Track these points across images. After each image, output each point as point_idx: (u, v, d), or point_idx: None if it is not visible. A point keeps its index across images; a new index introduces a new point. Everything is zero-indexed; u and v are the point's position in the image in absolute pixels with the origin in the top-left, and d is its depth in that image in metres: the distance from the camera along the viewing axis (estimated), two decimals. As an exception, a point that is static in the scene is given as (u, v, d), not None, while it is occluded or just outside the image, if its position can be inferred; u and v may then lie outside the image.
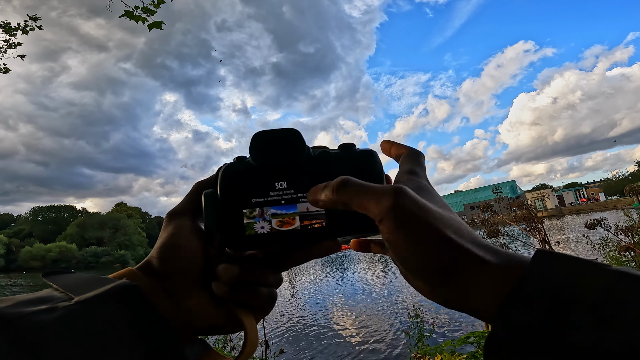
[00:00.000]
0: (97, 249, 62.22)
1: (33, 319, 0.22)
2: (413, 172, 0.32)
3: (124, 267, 0.32)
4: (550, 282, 0.21)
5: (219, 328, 0.33)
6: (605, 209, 46.34)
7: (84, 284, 0.27)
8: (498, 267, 0.24)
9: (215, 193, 0.33)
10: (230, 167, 0.33)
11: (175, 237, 0.32)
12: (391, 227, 0.26)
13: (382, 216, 0.26)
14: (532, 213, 3.64)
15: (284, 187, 0.33)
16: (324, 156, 0.33)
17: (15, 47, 5.64)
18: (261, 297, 0.33)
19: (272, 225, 0.32)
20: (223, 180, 0.33)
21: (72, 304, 0.24)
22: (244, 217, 0.32)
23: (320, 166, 0.33)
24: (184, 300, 0.31)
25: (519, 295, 0.21)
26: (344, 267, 16.06)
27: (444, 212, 0.27)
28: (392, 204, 0.26)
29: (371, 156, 0.34)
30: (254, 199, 0.32)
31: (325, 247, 0.33)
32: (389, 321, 6.87)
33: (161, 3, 3.94)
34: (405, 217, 0.25)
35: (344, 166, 0.33)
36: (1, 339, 0.21)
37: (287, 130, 0.33)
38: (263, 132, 0.33)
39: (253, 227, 0.32)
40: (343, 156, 0.34)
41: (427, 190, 0.30)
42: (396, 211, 0.26)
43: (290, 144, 0.33)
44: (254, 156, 0.33)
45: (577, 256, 0.22)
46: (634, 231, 3.60)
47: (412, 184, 0.30)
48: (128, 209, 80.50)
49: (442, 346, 2.76)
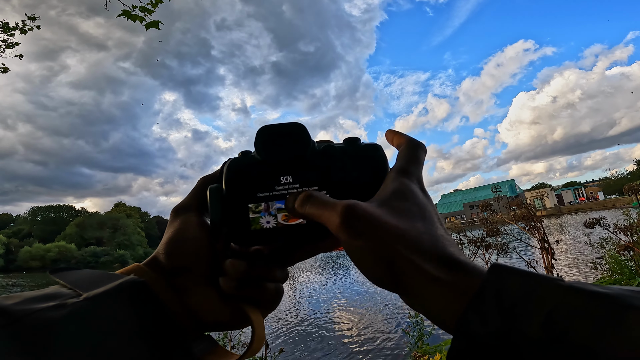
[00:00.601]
0: (96, 248, 62.13)
1: (42, 316, 0.22)
2: (403, 171, 0.31)
3: (123, 267, 0.32)
4: (505, 297, 0.21)
5: (225, 324, 0.33)
6: (604, 208, 46.46)
7: (92, 280, 0.27)
8: (451, 283, 0.23)
9: (221, 188, 0.32)
10: (236, 161, 0.33)
11: (181, 232, 0.32)
12: (344, 243, 0.27)
13: (336, 232, 0.27)
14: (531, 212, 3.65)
15: (289, 181, 0.32)
16: (329, 150, 0.33)
17: (13, 46, 5.63)
18: (268, 292, 0.33)
19: (277, 220, 0.32)
20: (228, 175, 0.32)
21: (80, 300, 0.24)
22: (250, 211, 0.32)
23: (325, 160, 0.33)
24: (191, 296, 0.31)
25: (476, 309, 0.21)
26: (343, 266, 16.05)
27: (405, 224, 0.26)
28: (340, 222, 0.26)
29: (376, 150, 0.34)
30: (259, 194, 0.32)
31: (332, 242, 0.33)
32: (389, 320, 6.87)
33: (159, 3, 3.93)
34: (353, 234, 0.26)
35: (348, 160, 0.33)
36: (10, 336, 0.21)
37: (292, 124, 0.33)
38: (268, 126, 0.33)
39: (259, 222, 0.32)
40: (348, 150, 0.33)
41: (403, 196, 0.29)
42: (344, 229, 0.26)
43: (295, 138, 0.33)
44: (259, 150, 0.33)
45: (532, 271, 0.22)
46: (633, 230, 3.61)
47: (392, 185, 0.30)
48: (127, 208, 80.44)
49: (442, 345, 2.76)
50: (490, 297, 0.21)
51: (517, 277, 0.22)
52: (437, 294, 0.24)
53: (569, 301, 0.20)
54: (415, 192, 0.30)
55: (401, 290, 0.25)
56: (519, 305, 0.20)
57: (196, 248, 0.32)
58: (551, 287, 0.21)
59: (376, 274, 0.26)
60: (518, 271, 0.22)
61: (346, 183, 0.32)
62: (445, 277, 0.24)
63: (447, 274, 0.24)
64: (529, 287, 0.21)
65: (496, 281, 0.22)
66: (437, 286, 0.24)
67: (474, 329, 0.21)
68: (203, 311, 0.31)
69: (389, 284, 0.26)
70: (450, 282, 0.23)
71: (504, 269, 0.23)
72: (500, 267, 0.23)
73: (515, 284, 0.22)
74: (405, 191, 0.29)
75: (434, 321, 0.25)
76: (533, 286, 0.21)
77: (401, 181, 0.30)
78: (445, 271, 0.24)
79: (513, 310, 0.20)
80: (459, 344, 0.21)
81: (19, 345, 0.21)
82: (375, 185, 0.32)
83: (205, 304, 0.31)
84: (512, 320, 0.20)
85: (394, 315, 7.17)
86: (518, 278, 0.22)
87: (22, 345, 0.21)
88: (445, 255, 0.25)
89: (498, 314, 0.21)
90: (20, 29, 5.53)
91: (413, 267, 0.24)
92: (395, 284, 0.25)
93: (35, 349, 0.21)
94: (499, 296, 0.21)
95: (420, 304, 0.25)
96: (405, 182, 0.30)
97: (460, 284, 0.23)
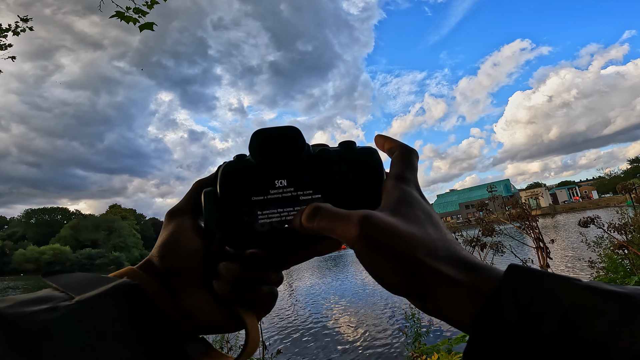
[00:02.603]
0: (91, 251, 61.70)
1: (34, 319, 0.22)
2: (401, 178, 0.31)
3: (118, 270, 0.32)
4: (521, 296, 0.22)
5: (219, 327, 0.33)
6: (598, 207, 46.80)
7: (85, 283, 0.27)
8: (470, 284, 0.24)
9: (215, 191, 0.32)
10: (230, 165, 0.33)
11: (175, 235, 0.32)
12: (360, 252, 0.26)
13: (352, 244, 0.27)
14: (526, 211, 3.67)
15: (284, 185, 0.32)
16: (324, 154, 0.33)
17: (6, 48, 5.57)
18: (262, 295, 0.33)
19: (272, 224, 0.32)
20: (223, 179, 0.32)
21: (72, 303, 0.24)
22: (244, 215, 0.32)
23: (320, 164, 0.33)
24: (185, 298, 0.31)
25: (492, 308, 0.22)
26: (340, 267, 16.06)
27: (419, 231, 0.27)
28: (358, 234, 0.26)
29: (371, 154, 0.34)
30: (254, 197, 0.32)
31: (326, 246, 0.33)
32: (386, 320, 6.87)
33: (154, 3, 3.91)
34: (372, 245, 0.26)
35: (344, 164, 0.33)
36: (2, 339, 0.21)
37: (287, 128, 0.33)
38: (263, 129, 0.33)
39: (253, 225, 0.32)
40: (343, 154, 0.33)
41: (408, 202, 0.29)
42: (363, 240, 0.26)
43: (290, 141, 0.33)
44: (254, 154, 0.33)
45: (548, 271, 0.23)
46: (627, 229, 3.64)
47: (395, 194, 0.30)
48: (122, 210, 79.98)
49: (439, 345, 2.76)
50: (507, 296, 0.22)
51: (534, 277, 0.22)
52: (457, 295, 0.24)
53: (585, 300, 0.20)
54: (418, 199, 0.30)
55: (421, 295, 0.25)
56: (535, 304, 0.21)
57: (190, 251, 0.32)
58: (567, 286, 0.21)
59: (395, 282, 0.26)
60: (534, 271, 0.23)
61: (342, 187, 0.32)
62: (465, 279, 0.24)
63: (467, 276, 0.25)
64: (545, 287, 0.22)
65: (513, 281, 0.23)
66: (457, 288, 0.24)
67: (491, 327, 0.21)
68: (197, 314, 0.31)
69: (407, 291, 0.26)
70: (469, 284, 0.24)
71: (520, 269, 0.23)
72: (516, 267, 0.23)
73: (531, 283, 0.22)
74: (410, 198, 0.30)
75: (452, 323, 0.25)
76: (549, 285, 0.22)
77: (403, 188, 0.30)
78: (466, 274, 0.25)
79: (529, 308, 0.21)
80: (476, 342, 0.22)
81: (12, 348, 0.21)
82: (371, 189, 0.32)
83: (199, 306, 0.31)
84: (529, 319, 0.21)
85: (391, 315, 7.17)
86: (534, 278, 0.22)
87: (15, 348, 0.21)
88: (461, 259, 0.26)
89: (515, 313, 0.21)
90: (12, 30, 5.48)
91: (435, 272, 0.25)
92: (416, 290, 0.25)
93: (28, 352, 0.21)
94: (516, 295, 0.22)
95: (438, 308, 0.25)
96: (407, 190, 0.30)
97: (479, 285, 0.24)
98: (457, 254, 0.26)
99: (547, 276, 0.22)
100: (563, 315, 0.20)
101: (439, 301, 0.25)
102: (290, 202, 0.32)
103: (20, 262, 55.77)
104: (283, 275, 0.36)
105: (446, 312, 0.25)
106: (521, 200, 4.01)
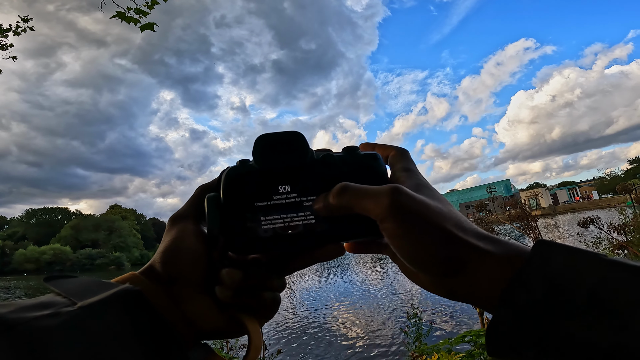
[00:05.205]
0: (91, 251, 61.61)
1: (36, 325, 0.22)
2: (409, 170, 0.33)
3: (119, 270, 0.32)
4: (549, 269, 0.22)
5: (222, 332, 0.32)
6: (598, 207, 46.77)
7: (87, 288, 0.27)
8: (500, 256, 0.25)
9: (218, 197, 0.32)
10: (233, 170, 0.33)
11: (178, 241, 0.32)
12: (392, 225, 0.26)
13: (383, 216, 0.27)
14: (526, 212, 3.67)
15: (287, 190, 0.32)
16: (328, 159, 0.33)
17: (7, 48, 5.57)
18: (265, 301, 0.33)
19: (275, 229, 0.32)
20: (226, 184, 0.32)
21: (75, 309, 0.24)
22: (247, 221, 0.32)
23: (324, 169, 0.33)
24: (187, 304, 0.31)
25: (521, 279, 0.22)
26: (340, 268, 16.05)
27: (444, 207, 0.28)
28: (390, 203, 0.26)
29: (375, 160, 0.34)
30: (257, 203, 0.32)
31: (329, 251, 0.33)
32: (387, 320, 6.87)
33: (155, 4, 3.91)
34: (405, 215, 0.26)
35: (347, 169, 0.33)
36: (4, 345, 0.21)
37: (291, 133, 0.33)
38: (266, 135, 0.33)
39: (256, 231, 0.32)
40: (347, 159, 0.33)
41: (426, 186, 0.31)
42: (395, 209, 0.26)
43: (293, 147, 0.33)
44: (257, 159, 0.33)
45: (576, 247, 0.23)
46: (627, 229, 3.64)
47: (412, 181, 0.31)
48: (123, 210, 79.91)
49: (440, 345, 2.76)
50: (536, 268, 0.22)
51: (563, 250, 0.23)
52: (489, 267, 0.25)
53: (614, 274, 0.21)
54: (430, 184, 0.31)
55: (453, 270, 0.26)
56: (564, 277, 0.21)
57: (193, 257, 0.32)
58: (596, 261, 0.22)
59: (429, 256, 0.26)
60: (563, 246, 0.23)
61: None
62: (497, 250, 0.25)
63: (495, 247, 0.25)
64: (574, 261, 0.22)
65: (542, 254, 0.23)
66: (489, 260, 0.25)
67: (519, 299, 0.22)
68: (199, 320, 0.31)
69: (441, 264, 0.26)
70: (500, 255, 0.25)
71: (549, 243, 0.24)
72: (545, 242, 0.24)
73: (560, 257, 0.23)
74: (426, 183, 0.31)
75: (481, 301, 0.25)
76: (578, 260, 0.22)
77: (417, 177, 0.32)
78: (494, 246, 0.25)
79: (558, 281, 0.21)
80: (503, 314, 0.22)
81: (14, 354, 0.20)
82: None
83: (201, 312, 0.31)
84: (558, 291, 0.21)
85: (391, 315, 7.17)
86: (563, 252, 0.23)
87: (17, 354, 0.21)
88: (484, 234, 0.27)
89: (543, 285, 0.22)
90: (13, 30, 5.47)
91: (466, 244, 0.25)
92: (449, 263, 0.26)
93: (30, 357, 0.21)
94: (544, 268, 0.22)
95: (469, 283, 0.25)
96: (421, 177, 0.32)
97: (509, 256, 0.24)
98: (481, 231, 0.27)
99: (575, 251, 0.23)
100: (592, 288, 0.20)
101: (471, 275, 0.25)
102: (294, 208, 0.32)
103: (20, 262, 55.72)
104: (286, 281, 0.36)
105: (478, 285, 0.25)
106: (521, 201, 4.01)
